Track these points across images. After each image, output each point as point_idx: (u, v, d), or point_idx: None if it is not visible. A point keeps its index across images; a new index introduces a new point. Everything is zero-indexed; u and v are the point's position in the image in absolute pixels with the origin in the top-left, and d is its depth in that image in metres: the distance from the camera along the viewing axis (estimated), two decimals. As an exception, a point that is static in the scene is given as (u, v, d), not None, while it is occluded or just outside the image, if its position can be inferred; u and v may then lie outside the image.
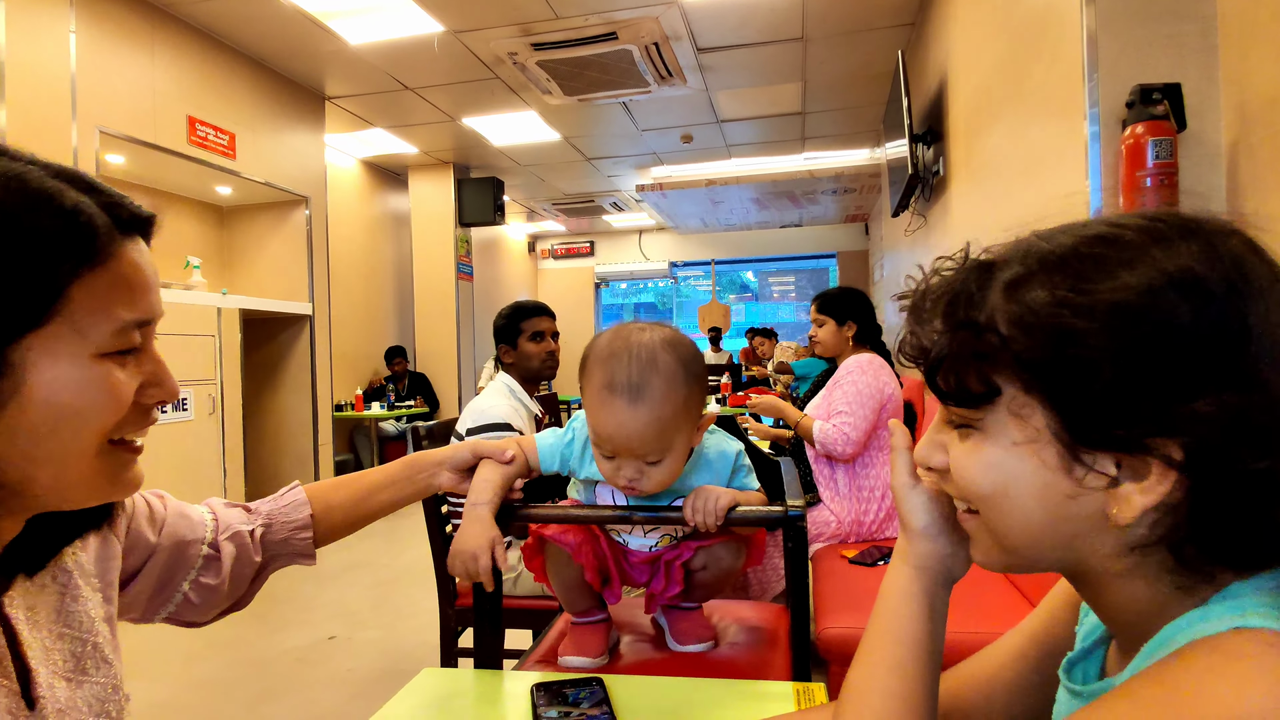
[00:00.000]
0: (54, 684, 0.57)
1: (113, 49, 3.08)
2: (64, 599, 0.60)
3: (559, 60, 3.95)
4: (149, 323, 0.52)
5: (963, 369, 0.42)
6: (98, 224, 0.48)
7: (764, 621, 1.11)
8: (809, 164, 6.23)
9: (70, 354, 0.47)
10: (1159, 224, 0.41)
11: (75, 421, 0.48)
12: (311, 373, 4.27)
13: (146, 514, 0.72)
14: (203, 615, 0.77)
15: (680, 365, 0.82)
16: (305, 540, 0.82)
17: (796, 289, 11.55)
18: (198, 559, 0.75)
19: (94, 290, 0.48)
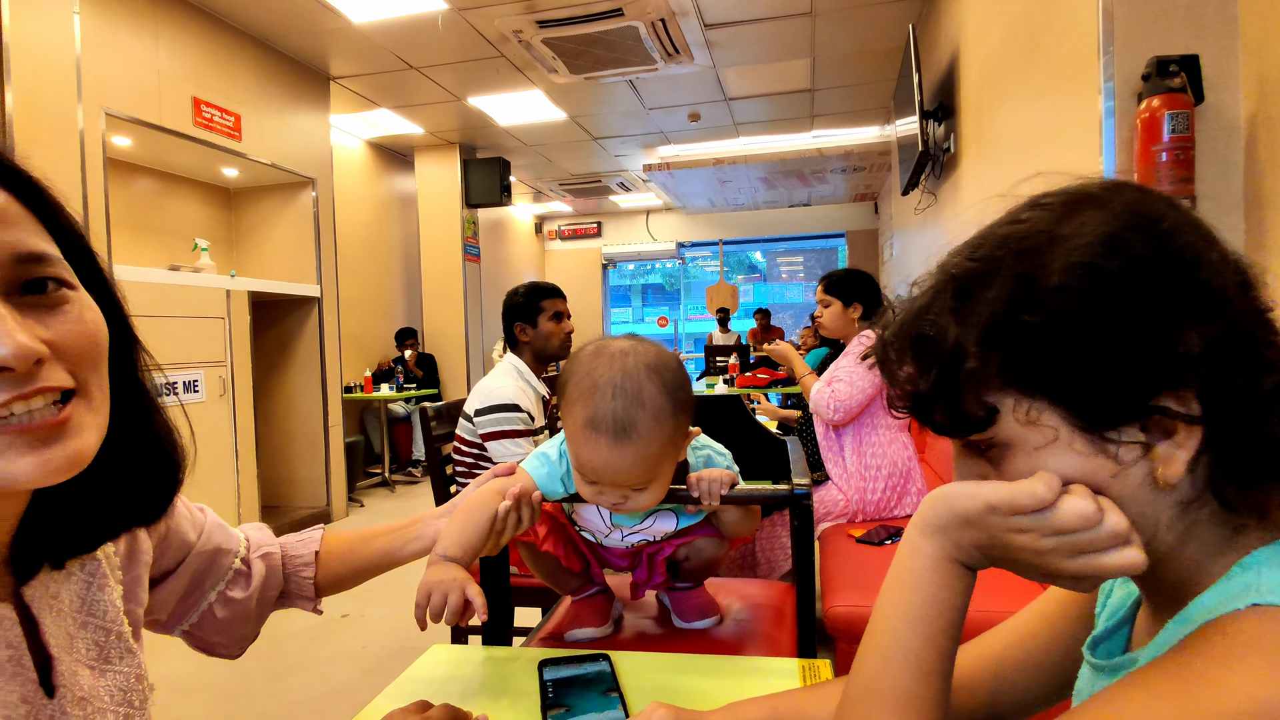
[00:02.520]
0: (77, 672, 0.57)
1: (117, 29, 3.07)
2: (89, 588, 0.60)
3: (565, 38, 3.90)
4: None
5: (952, 401, 0.43)
6: None
7: (770, 599, 1.12)
8: (818, 142, 6.16)
9: None
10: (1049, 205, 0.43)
11: None
12: (320, 354, 4.29)
13: (188, 516, 0.73)
14: (221, 635, 0.76)
15: (667, 396, 0.77)
16: (307, 580, 0.81)
17: (805, 269, 11.50)
18: (229, 570, 0.76)
19: None
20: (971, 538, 0.43)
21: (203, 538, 0.74)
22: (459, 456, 2.00)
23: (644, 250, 9.39)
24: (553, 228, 9.55)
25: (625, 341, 0.81)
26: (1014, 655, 0.58)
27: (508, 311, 2.10)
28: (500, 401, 1.93)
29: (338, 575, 0.83)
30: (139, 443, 0.56)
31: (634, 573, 0.99)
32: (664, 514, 0.90)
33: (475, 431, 1.95)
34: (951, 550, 0.44)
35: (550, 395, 2.22)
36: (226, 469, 3.52)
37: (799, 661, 0.77)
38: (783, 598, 1.12)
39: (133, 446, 0.56)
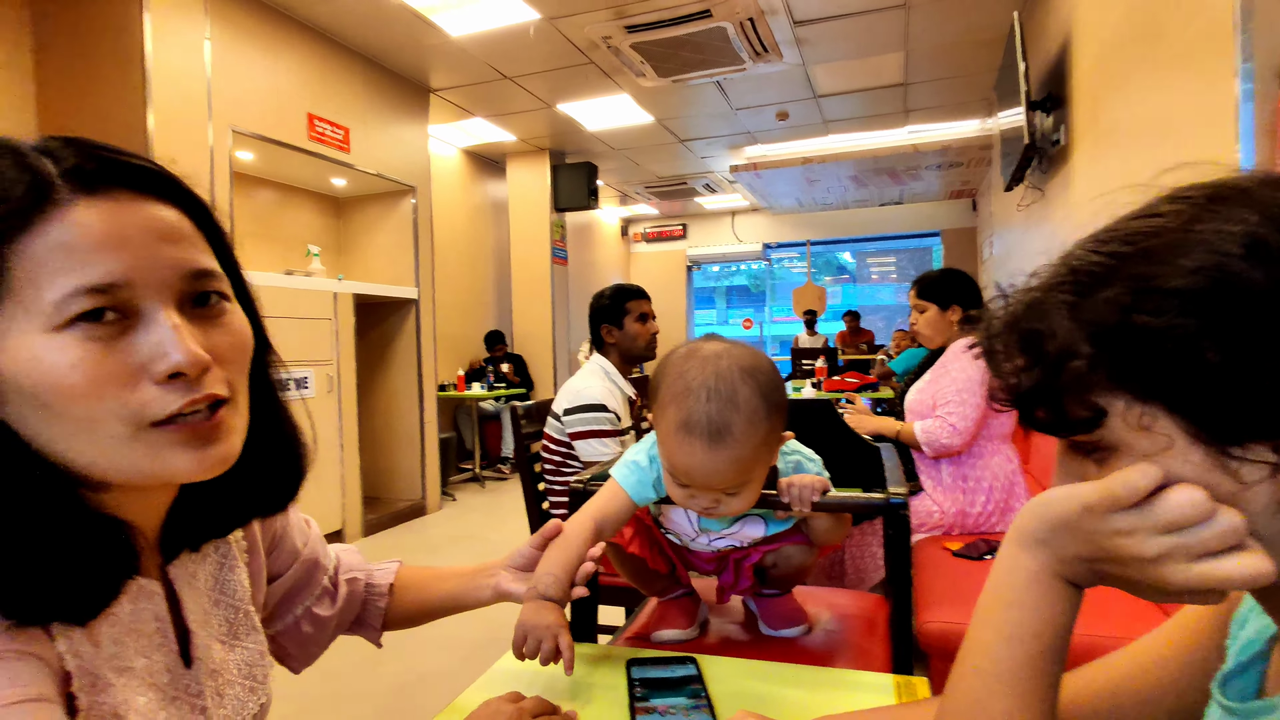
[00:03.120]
0: (210, 646, 0.61)
1: (242, 53, 3.32)
2: (222, 569, 0.65)
3: (653, 41, 3.93)
4: (112, 287, 0.45)
5: (1056, 399, 0.41)
6: (24, 187, 0.44)
7: (861, 610, 1.09)
8: (912, 138, 5.93)
9: (21, 330, 0.44)
10: (1190, 199, 0.39)
11: (54, 401, 0.44)
12: (417, 354, 4.50)
13: (299, 525, 0.77)
14: (298, 648, 0.78)
15: (761, 398, 0.76)
16: (380, 611, 0.83)
17: (897, 269, 11.09)
18: (319, 587, 0.78)
19: (31, 257, 0.43)
20: (1074, 548, 0.40)
21: (308, 548, 0.77)
22: (547, 455, 2.05)
23: (729, 252, 9.32)
24: (638, 230, 9.63)
25: (718, 344, 0.80)
26: (1133, 686, 0.53)
27: (594, 313, 2.13)
28: (588, 401, 1.96)
29: (406, 612, 0.84)
30: (270, 439, 0.61)
31: (720, 577, 0.98)
32: (752, 519, 0.89)
33: (563, 430, 1.99)
34: (1054, 564, 0.41)
35: (636, 396, 2.24)
36: (332, 462, 3.75)
37: (893, 678, 0.75)
38: (874, 610, 1.09)
39: (265, 442, 0.60)
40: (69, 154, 0.46)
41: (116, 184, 0.47)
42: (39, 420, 0.45)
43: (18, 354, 0.43)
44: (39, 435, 0.46)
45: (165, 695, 0.56)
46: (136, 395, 0.45)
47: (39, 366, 0.43)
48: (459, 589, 0.84)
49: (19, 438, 0.46)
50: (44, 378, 0.43)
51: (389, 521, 4.26)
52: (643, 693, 0.72)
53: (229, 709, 0.62)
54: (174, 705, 0.57)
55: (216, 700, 0.61)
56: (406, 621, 0.84)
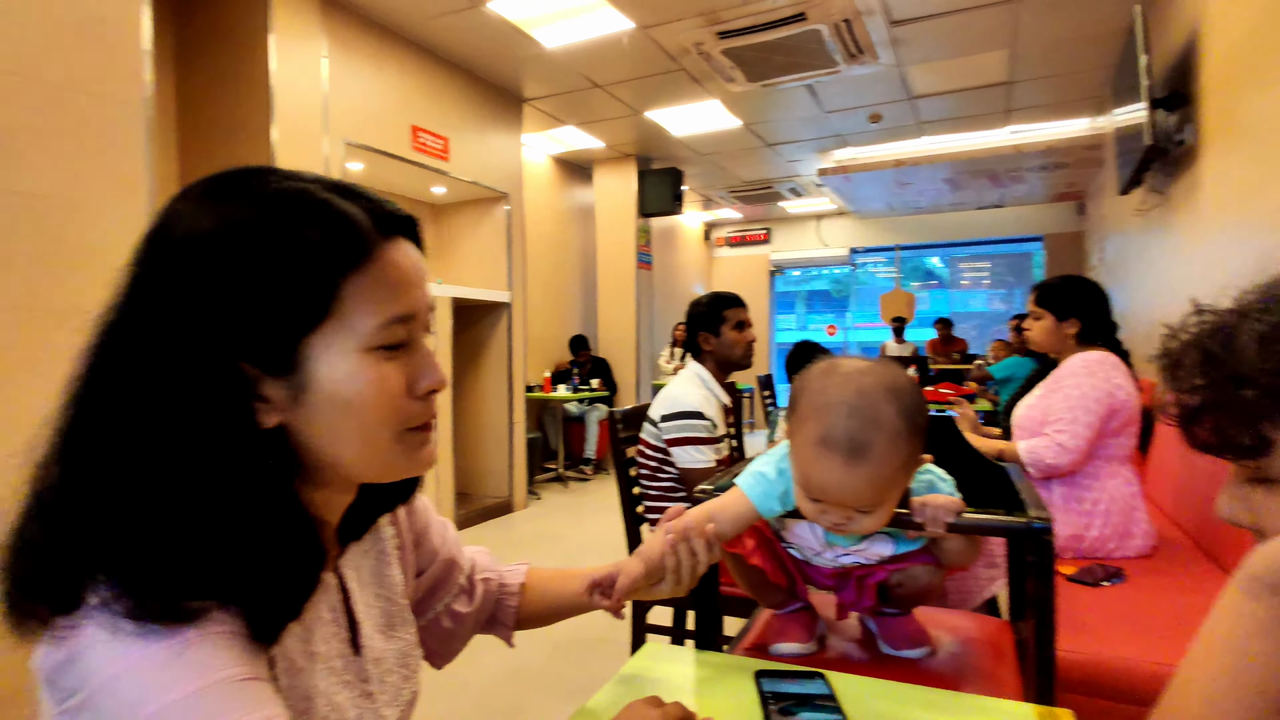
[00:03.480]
0: (372, 635, 0.66)
1: (354, 70, 3.52)
2: (380, 563, 0.70)
3: (744, 47, 3.92)
4: (411, 317, 0.54)
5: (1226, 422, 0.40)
6: (364, 230, 0.52)
7: (985, 634, 1.05)
8: (1014, 138, 5.67)
9: (342, 349, 0.51)
10: None
11: (357, 410, 0.52)
12: (508, 356, 4.64)
13: (438, 526, 0.81)
14: (439, 644, 0.82)
15: (904, 419, 0.74)
16: (511, 609, 0.85)
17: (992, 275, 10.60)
18: (456, 585, 0.82)
19: (361, 290, 0.51)
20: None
21: (445, 548, 0.82)
22: (643, 460, 2.07)
23: (814, 256, 9.15)
24: (721, 234, 9.59)
25: (858, 361, 0.79)
26: None
27: (691, 321, 2.14)
28: (685, 409, 1.97)
29: (536, 610, 0.86)
30: None
31: (840, 593, 0.97)
32: (881, 537, 0.88)
33: (659, 436, 2.01)
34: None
35: (730, 404, 2.24)
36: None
37: (1035, 708, 0.72)
38: (999, 634, 1.05)
39: None
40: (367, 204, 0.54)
41: (399, 231, 0.56)
42: (332, 423, 0.52)
43: (335, 368, 0.51)
44: (323, 436, 0.52)
45: (340, 680, 0.61)
46: (406, 407, 0.55)
47: (353, 379, 0.51)
48: (576, 588, 0.85)
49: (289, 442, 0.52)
50: (354, 389, 0.52)
51: (477, 518, 4.41)
52: (777, 706, 0.73)
53: (388, 696, 0.67)
54: (347, 690, 0.62)
55: (380, 687, 0.66)
56: (536, 620, 0.87)
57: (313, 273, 0.50)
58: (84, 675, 0.43)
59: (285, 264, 0.49)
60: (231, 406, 0.48)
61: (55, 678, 0.44)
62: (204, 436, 0.47)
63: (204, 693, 0.43)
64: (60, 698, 0.44)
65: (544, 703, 2.20)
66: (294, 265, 0.49)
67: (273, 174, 0.53)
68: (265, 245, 0.49)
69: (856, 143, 5.93)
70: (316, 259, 0.50)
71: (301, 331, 0.50)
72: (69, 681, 0.43)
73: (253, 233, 0.49)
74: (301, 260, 0.49)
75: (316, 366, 0.51)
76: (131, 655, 0.42)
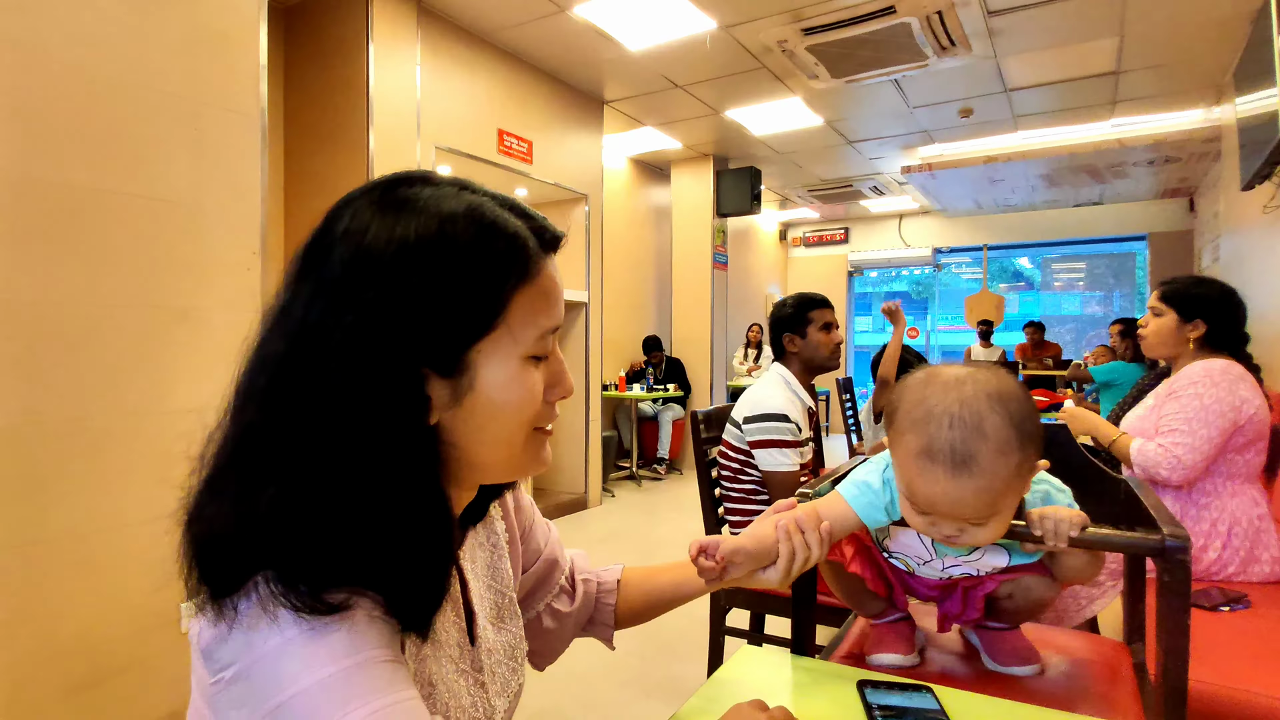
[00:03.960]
0: (485, 626, 0.68)
1: (445, 76, 3.65)
2: (493, 556, 0.72)
3: (829, 43, 3.84)
4: (558, 329, 0.59)
5: None
6: (530, 247, 0.56)
7: (1098, 655, 1.00)
8: (1119, 131, 5.33)
9: (505, 356, 0.55)
10: None
11: (507, 412, 0.55)
12: (585, 355, 4.70)
13: (542, 527, 0.83)
14: (540, 644, 0.82)
15: (1012, 427, 0.70)
16: (609, 607, 0.86)
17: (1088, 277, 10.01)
18: (557, 585, 0.84)
19: (525, 302, 0.55)
20: None
21: (548, 548, 0.83)
22: (724, 461, 2.06)
23: (894, 256, 8.87)
24: (797, 234, 9.43)
25: (959, 368, 0.75)
26: None
27: (776, 322, 2.12)
28: (769, 411, 1.95)
29: (634, 607, 0.86)
30: None
31: (943, 605, 0.94)
32: (995, 547, 0.84)
33: (743, 438, 1.99)
34: None
35: (814, 407, 2.19)
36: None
37: (1166, 737, 0.68)
38: (1114, 656, 0.99)
39: None
40: (530, 222, 0.58)
41: (555, 247, 0.60)
42: (481, 423, 0.55)
43: (497, 373, 0.55)
44: (469, 435, 0.55)
45: (458, 669, 0.63)
46: (540, 410, 0.58)
47: (510, 385, 0.55)
48: (683, 576, 0.85)
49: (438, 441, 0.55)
50: (510, 393, 0.55)
51: (553, 513, 4.49)
52: (883, 717, 0.71)
53: (498, 686, 0.68)
54: (464, 678, 0.64)
55: (491, 677, 0.68)
56: (635, 617, 0.87)
57: (489, 285, 0.53)
58: (239, 650, 0.46)
59: (466, 276, 0.52)
60: (411, 406, 0.52)
61: (212, 650, 0.47)
62: (383, 433, 0.50)
63: (350, 671, 0.45)
64: (215, 669, 0.47)
65: (630, 700, 2.22)
66: (474, 278, 0.53)
67: (442, 184, 0.56)
68: (449, 259, 0.52)
69: (944, 138, 5.72)
70: (493, 272, 0.53)
71: (474, 339, 0.53)
72: (224, 655, 0.46)
73: (438, 246, 0.52)
74: (480, 273, 0.53)
75: (481, 371, 0.54)
76: (285, 634, 0.45)
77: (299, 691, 0.44)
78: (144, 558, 1.92)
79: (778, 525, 0.76)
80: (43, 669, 1.74)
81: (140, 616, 1.92)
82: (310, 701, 0.44)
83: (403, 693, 0.47)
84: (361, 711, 0.44)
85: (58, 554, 1.76)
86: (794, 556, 0.75)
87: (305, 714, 0.44)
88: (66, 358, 1.78)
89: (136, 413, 1.90)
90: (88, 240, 1.82)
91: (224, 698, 0.46)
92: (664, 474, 5.87)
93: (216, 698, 0.47)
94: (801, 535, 0.76)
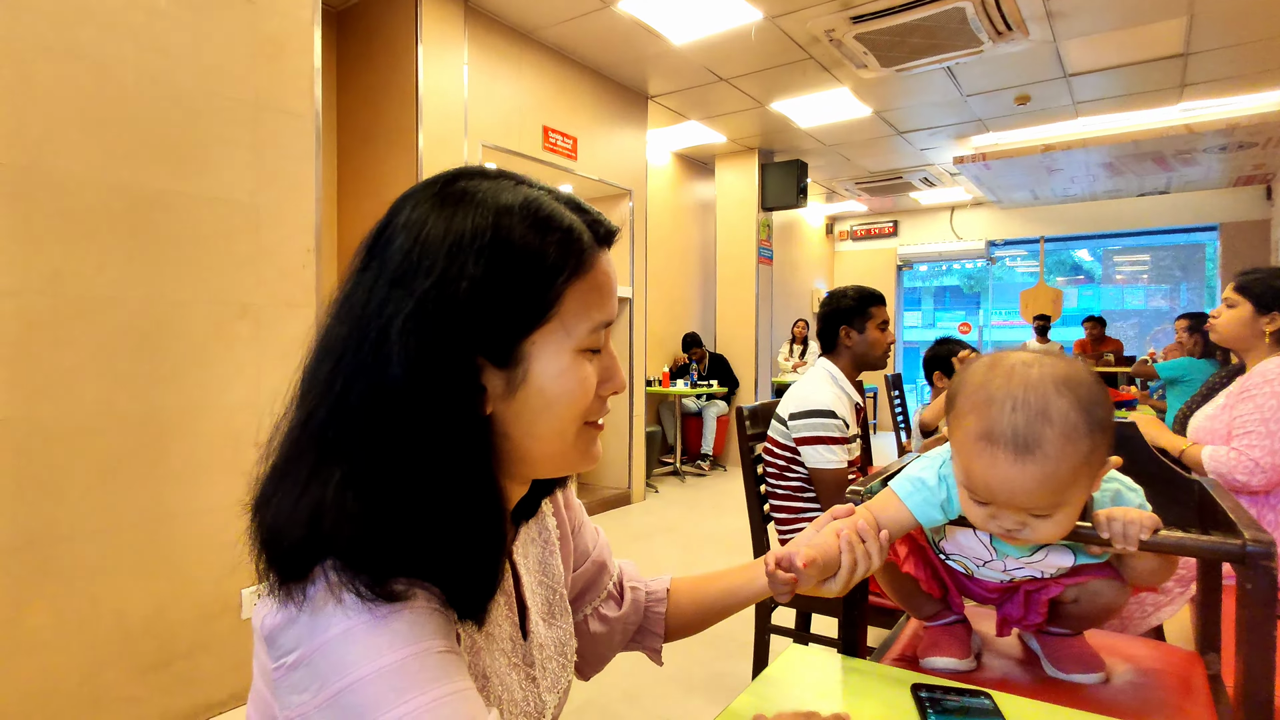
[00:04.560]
0: (537, 622, 0.68)
1: (492, 74, 3.69)
2: (545, 553, 0.73)
3: (878, 30, 3.75)
4: (611, 323, 0.59)
5: None
6: (584, 241, 0.56)
7: (1165, 664, 0.95)
8: (1187, 116, 5.08)
9: (558, 348, 0.55)
10: None
11: (559, 405, 0.55)
12: (630, 350, 4.71)
13: (591, 530, 0.83)
14: (587, 649, 0.81)
15: (1081, 413, 0.67)
16: (659, 615, 0.84)
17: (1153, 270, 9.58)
18: (604, 589, 0.83)
19: (578, 295, 0.55)
20: None
21: (596, 550, 0.83)
22: (770, 458, 2.04)
23: (946, 250, 8.64)
24: (844, 228, 9.26)
25: (1026, 354, 0.73)
26: None
27: (834, 313, 2.06)
28: (816, 407, 1.92)
29: (684, 616, 0.85)
30: None
31: (1002, 608, 0.91)
32: (1060, 548, 0.81)
33: (789, 435, 1.97)
34: None
35: (861, 403, 2.15)
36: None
37: (1246, 753, 0.64)
38: (1186, 666, 0.95)
39: None
40: (585, 216, 0.58)
41: (609, 242, 0.60)
42: (534, 415, 0.55)
43: (550, 365, 0.55)
44: (522, 426, 0.56)
45: (510, 662, 0.64)
46: (591, 405, 0.58)
47: (565, 376, 0.55)
48: (734, 583, 0.84)
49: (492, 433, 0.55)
50: (562, 386, 0.55)
51: (597, 508, 4.51)
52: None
53: (549, 682, 0.68)
54: (516, 672, 0.64)
55: (542, 672, 0.68)
56: (685, 628, 0.86)
57: (543, 278, 0.54)
58: (301, 637, 0.47)
59: (521, 268, 0.53)
60: (466, 394, 0.52)
61: (276, 635, 0.48)
62: (439, 419, 0.51)
63: (409, 661, 0.46)
64: (278, 654, 0.48)
65: (674, 696, 2.22)
66: (528, 271, 0.53)
67: (500, 178, 0.57)
68: (504, 251, 0.52)
69: (999, 127, 5.54)
70: (547, 265, 0.54)
71: (527, 330, 0.54)
72: (287, 641, 0.47)
73: (493, 239, 0.52)
74: (534, 266, 0.53)
75: (534, 362, 0.54)
76: (350, 620, 0.46)
77: (359, 678, 0.45)
78: (208, 545, 2.00)
79: (840, 535, 0.74)
80: (117, 650, 1.82)
81: (205, 602, 2.00)
82: (370, 689, 0.45)
83: (459, 683, 0.47)
84: (419, 700, 0.45)
85: (129, 541, 1.85)
86: (855, 568, 0.74)
87: (365, 701, 0.45)
88: (138, 353, 1.86)
89: (201, 405, 1.98)
90: (158, 240, 1.90)
91: (286, 683, 0.47)
92: (708, 470, 5.84)
93: (279, 682, 0.48)
94: (863, 545, 0.74)
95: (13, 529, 1.65)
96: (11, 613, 1.64)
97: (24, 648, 1.66)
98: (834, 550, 0.73)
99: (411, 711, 0.44)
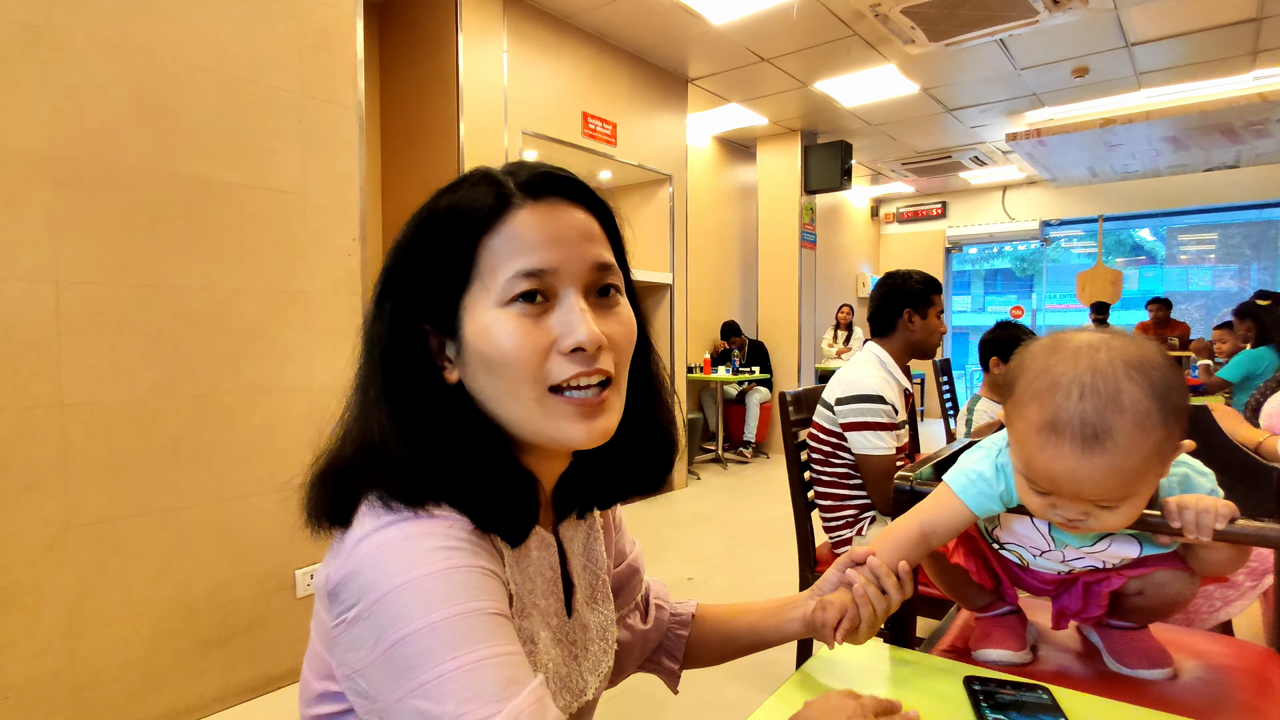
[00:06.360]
0: (581, 603, 0.69)
1: (531, 61, 3.69)
2: (589, 538, 0.73)
3: (927, 3, 3.62)
4: (545, 272, 0.55)
5: None
6: (498, 193, 0.56)
7: (1237, 660, 0.90)
8: (1260, 85, 4.79)
9: (484, 306, 0.55)
10: None
11: (498, 364, 0.54)
12: (670, 337, 4.69)
13: (629, 536, 0.82)
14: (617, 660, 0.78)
15: (1154, 399, 0.62)
16: (680, 638, 0.83)
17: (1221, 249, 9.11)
18: (634, 599, 0.82)
19: (493, 248, 0.55)
20: None
21: (633, 555, 0.82)
22: (815, 445, 2.00)
23: (997, 231, 8.37)
24: (890, 210, 9.04)
25: (1091, 335, 0.68)
26: None
27: (899, 295, 2.00)
28: (864, 392, 1.88)
29: (708, 643, 0.83)
30: (647, 427, 0.67)
31: (1060, 600, 0.87)
32: (1124, 536, 0.77)
33: (835, 421, 1.93)
34: None
35: (910, 389, 2.10)
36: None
37: (1330, 756, 0.60)
38: (1261, 662, 0.90)
39: (642, 429, 0.66)
40: (524, 172, 0.59)
41: (553, 193, 0.58)
42: (485, 381, 0.56)
43: (476, 324, 0.55)
44: (483, 391, 0.57)
45: (554, 636, 0.64)
46: (547, 364, 0.55)
47: (489, 334, 0.55)
48: (763, 621, 0.81)
49: (472, 400, 0.58)
50: (490, 344, 0.55)
51: (638, 495, 4.52)
52: (994, 716, 0.66)
53: (590, 663, 0.68)
54: (558, 647, 0.64)
55: (584, 652, 0.68)
56: (705, 657, 0.84)
57: (457, 236, 0.56)
58: (362, 590, 0.49)
59: (438, 231, 0.57)
60: (418, 360, 0.57)
61: (337, 591, 0.51)
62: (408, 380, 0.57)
63: (460, 619, 0.48)
64: (339, 610, 0.51)
65: (717, 682, 2.22)
66: (444, 232, 0.56)
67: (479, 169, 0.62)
68: (428, 220, 0.58)
69: (1054, 101, 5.31)
70: (460, 224, 0.56)
71: (458, 292, 0.56)
72: (348, 596, 0.50)
73: (424, 215, 0.58)
74: (449, 226, 0.56)
75: (466, 325, 0.56)
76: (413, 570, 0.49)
77: (412, 631, 0.47)
78: (264, 524, 2.07)
79: (854, 589, 0.75)
80: (181, 624, 1.90)
81: (262, 579, 2.07)
82: (421, 642, 0.47)
83: (506, 646, 0.49)
84: (466, 659, 0.46)
85: (191, 520, 1.92)
86: (875, 616, 0.74)
87: (414, 653, 0.46)
88: (196, 338, 1.92)
89: (256, 389, 2.04)
90: (214, 229, 1.95)
91: (345, 639, 0.50)
92: (750, 457, 5.81)
93: (337, 640, 0.51)
94: (876, 587, 0.75)
95: (82, 508, 1.73)
96: (83, 589, 1.73)
97: (97, 622, 1.75)
98: (851, 606, 0.74)
99: (456, 669, 0.46)
